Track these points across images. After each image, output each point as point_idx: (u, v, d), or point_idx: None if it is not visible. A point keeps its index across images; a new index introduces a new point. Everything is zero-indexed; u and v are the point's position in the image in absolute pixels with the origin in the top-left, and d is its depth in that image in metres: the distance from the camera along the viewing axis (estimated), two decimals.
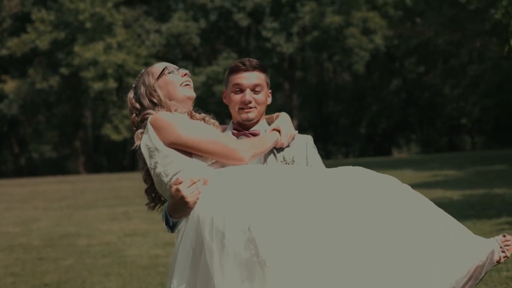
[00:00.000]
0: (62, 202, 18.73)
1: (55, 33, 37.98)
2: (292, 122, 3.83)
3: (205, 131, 3.25)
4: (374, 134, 48.25)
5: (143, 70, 3.44)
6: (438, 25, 31.21)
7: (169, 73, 3.37)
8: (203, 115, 3.43)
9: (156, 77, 3.36)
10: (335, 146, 49.57)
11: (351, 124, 47.96)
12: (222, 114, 3.68)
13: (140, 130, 3.31)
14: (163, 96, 3.32)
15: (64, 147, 46.89)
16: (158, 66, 3.42)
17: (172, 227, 3.28)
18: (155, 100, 3.32)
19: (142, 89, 3.35)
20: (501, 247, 3.16)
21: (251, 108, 3.57)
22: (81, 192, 22.19)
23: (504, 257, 3.16)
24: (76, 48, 37.22)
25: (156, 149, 3.19)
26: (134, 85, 3.40)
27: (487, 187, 14.98)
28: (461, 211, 10.99)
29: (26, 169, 45.71)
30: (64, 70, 37.89)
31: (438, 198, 12.48)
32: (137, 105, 3.36)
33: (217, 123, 3.46)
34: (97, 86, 36.74)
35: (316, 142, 3.84)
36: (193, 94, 3.41)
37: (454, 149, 43.61)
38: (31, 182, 29.76)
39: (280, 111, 3.70)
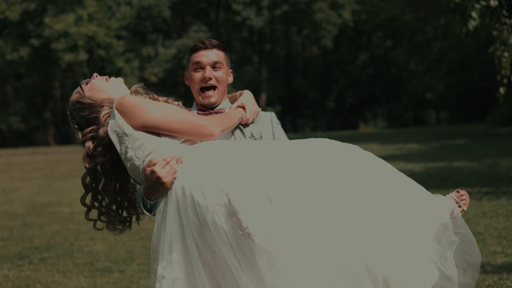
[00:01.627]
0: (38, 173, 19.12)
1: (26, 4, 37.84)
2: (261, 95, 4.08)
3: (172, 111, 3.28)
4: (342, 108, 49.04)
5: (68, 113, 3.42)
6: (404, 3, 31.82)
7: (86, 84, 3.40)
8: (165, 98, 3.45)
9: (82, 95, 3.36)
10: (303, 120, 50.27)
11: (319, 98, 48.66)
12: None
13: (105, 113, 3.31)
14: (101, 97, 3.35)
15: (32, 118, 46.83)
16: (74, 92, 3.43)
17: (150, 209, 3.28)
18: (100, 104, 3.32)
19: (86, 112, 3.33)
20: (457, 203, 3.32)
21: (212, 86, 3.61)
22: (54, 163, 22.55)
23: (462, 211, 3.32)
24: (47, 19, 37.17)
25: (125, 134, 3.19)
26: (75, 127, 3.38)
27: (447, 160, 15.80)
28: (421, 182, 11.68)
29: None
30: (34, 41, 37.86)
31: (400, 169, 13.22)
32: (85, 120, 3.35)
33: (180, 103, 3.49)
34: (67, 57, 36.80)
35: (284, 115, 4.07)
36: (119, 78, 3.46)
37: (419, 124, 44.61)
38: (3, 153, 29.97)
39: (249, 84, 3.93)
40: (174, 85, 36.81)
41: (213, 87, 3.63)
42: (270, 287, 3.00)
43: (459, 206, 3.35)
